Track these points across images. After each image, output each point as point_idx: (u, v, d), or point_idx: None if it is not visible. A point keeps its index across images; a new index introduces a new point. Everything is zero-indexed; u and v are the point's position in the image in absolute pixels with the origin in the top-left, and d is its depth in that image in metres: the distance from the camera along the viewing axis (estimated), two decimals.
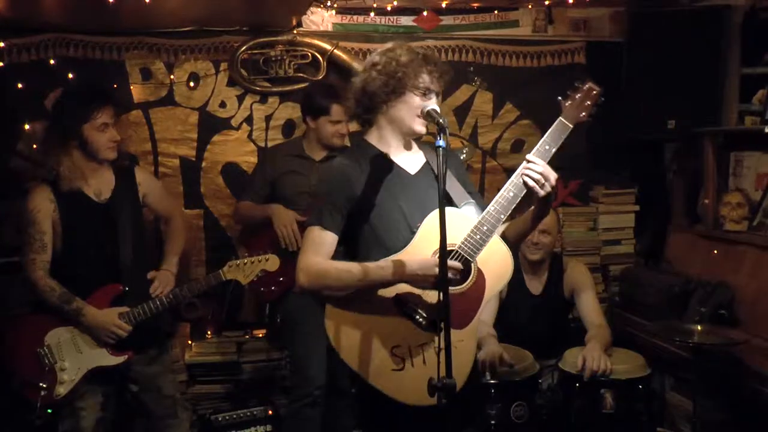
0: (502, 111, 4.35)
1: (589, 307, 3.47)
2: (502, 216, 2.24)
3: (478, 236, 2.23)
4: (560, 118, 2.28)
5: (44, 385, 2.79)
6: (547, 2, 4.17)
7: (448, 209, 2.15)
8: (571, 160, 4.33)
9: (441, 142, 2.04)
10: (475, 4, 4.17)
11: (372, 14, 4.08)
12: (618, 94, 3.95)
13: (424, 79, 2.27)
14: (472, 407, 2.55)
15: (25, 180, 3.72)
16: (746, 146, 3.83)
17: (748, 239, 3.60)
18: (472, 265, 2.26)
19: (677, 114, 3.86)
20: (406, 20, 4.16)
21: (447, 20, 4.20)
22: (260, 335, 4.06)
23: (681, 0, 4.09)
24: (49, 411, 2.84)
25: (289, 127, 4.12)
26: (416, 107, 2.27)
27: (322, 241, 2.25)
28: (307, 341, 3.47)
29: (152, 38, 3.91)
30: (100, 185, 2.95)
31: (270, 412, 3.76)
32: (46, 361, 2.86)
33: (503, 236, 2.39)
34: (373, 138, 2.38)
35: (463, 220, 2.28)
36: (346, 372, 2.25)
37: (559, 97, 2.32)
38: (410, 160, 2.40)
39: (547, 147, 2.25)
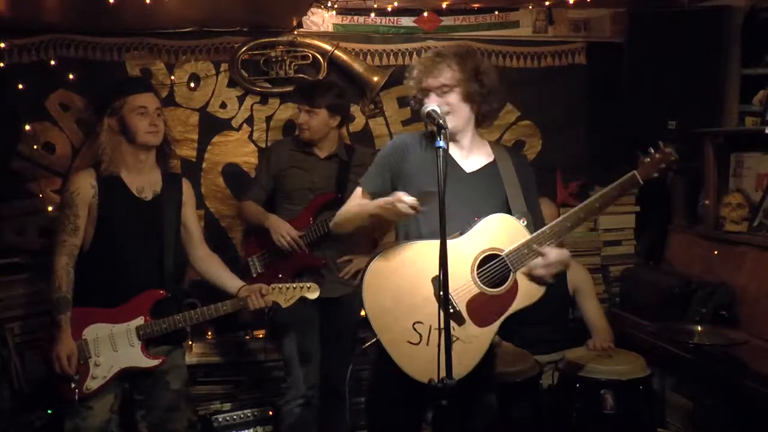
0: (502, 112, 4.31)
1: (593, 312, 3.76)
2: (554, 241, 2.35)
3: (526, 251, 2.33)
4: (634, 171, 2.38)
5: (76, 377, 2.75)
6: (547, 3, 4.17)
7: (508, 216, 2.36)
8: (571, 161, 4.36)
9: (441, 143, 2.05)
10: (476, 5, 4.17)
11: (372, 15, 4.08)
12: (618, 95, 3.96)
13: (418, 79, 2.42)
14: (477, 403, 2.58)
15: (26, 181, 3.73)
16: (747, 147, 3.82)
17: (749, 240, 3.60)
18: (511, 274, 2.35)
19: (678, 114, 3.85)
20: (407, 21, 4.15)
21: (447, 21, 4.20)
22: (260, 336, 4.06)
23: (681, 0, 4.09)
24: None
25: (289, 128, 4.11)
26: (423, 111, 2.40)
27: (356, 197, 2.52)
28: (300, 342, 3.50)
29: (153, 39, 3.91)
30: (143, 182, 2.93)
31: (270, 412, 3.77)
32: (82, 354, 2.81)
33: None
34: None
35: (517, 231, 2.37)
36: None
37: (639, 152, 2.40)
38: (470, 159, 2.52)
39: (615, 194, 2.38)
